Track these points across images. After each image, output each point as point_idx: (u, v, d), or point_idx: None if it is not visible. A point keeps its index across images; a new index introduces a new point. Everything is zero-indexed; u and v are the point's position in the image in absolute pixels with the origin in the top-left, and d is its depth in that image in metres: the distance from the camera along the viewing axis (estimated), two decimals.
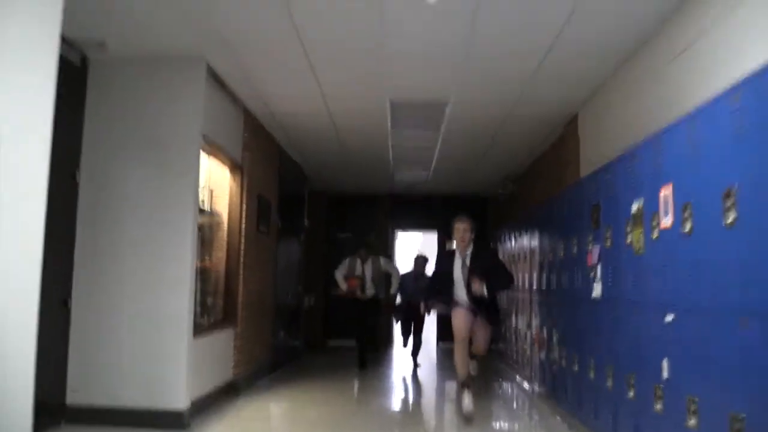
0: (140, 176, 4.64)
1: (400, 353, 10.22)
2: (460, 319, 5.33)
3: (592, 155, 5.45)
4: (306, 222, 9.77)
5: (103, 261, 4.56)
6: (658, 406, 3.24)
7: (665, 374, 3.18)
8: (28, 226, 2.44)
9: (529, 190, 8.40)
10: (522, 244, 7.43)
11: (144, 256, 4.57)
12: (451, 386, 7.16)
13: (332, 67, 5.04)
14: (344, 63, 4.97)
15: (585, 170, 5.54)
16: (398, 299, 8.86)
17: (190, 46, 4.66)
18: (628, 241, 3.74)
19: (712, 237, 2.73)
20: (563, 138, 6.55)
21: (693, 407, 2.86)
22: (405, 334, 9.01)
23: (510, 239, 8.37)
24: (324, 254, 10.89)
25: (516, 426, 5.63)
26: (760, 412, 2.37)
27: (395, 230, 12.20)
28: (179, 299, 4.58)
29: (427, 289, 6.32)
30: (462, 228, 5.41)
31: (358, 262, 8.26)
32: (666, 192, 3.23)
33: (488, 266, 5.30)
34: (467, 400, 5.20)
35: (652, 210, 3.39)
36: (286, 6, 3.92)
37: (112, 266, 4.57)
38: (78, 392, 4.46)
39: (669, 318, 3.15)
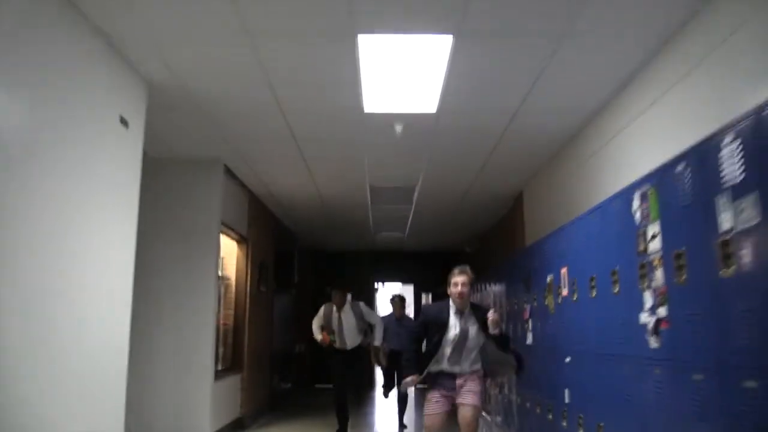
0: (172, 255, 5.89)
1: (381, 404, 9.58)
2: (435, 408, 4.26)
3: (533, 226, 6.83)
4: (296, 277, 11.03)
5: (149, 322, 5.77)
6: (564, 424, 4.52)
7: (566, 400, 4.47)
8: (120, 293, 3.71)
9: (492, 247, 9.77)
10: (483, 297, 8.74)
11: (179, 318, 5.80)
12: None
13: (321, 159, 6.34)
14: (331, 156, 6.28)
15: (530, 238, 6.90)
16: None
17: (211, 152, 5.99)
18: (545, 303, 5.07)
19: (586, 304, 4.07)
20: (513, 209, 7.96)
21: (580, 421, 4.15)
22: (387, 386, 8.03)
23: (475, 292, 9.68)
24: (312, 306, 12.10)
25: None
26: (614, 422, 3.65)
27: (376, 282, 13.51)
28: (205, 352, 5.82)
29: (408, 354, 4.60)
30: (461, 281, 4.27)
31: (333, 309, 7.05)
32: (564, 270, 4.58)
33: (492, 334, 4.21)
34: None
35: (557, 282, 4.74)
36: (282, 115, 5.26)
37: (156, 327, 5.77)
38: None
39: (567, 359, 4.46)
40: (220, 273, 6.95)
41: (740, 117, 2.34)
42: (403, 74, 4.23)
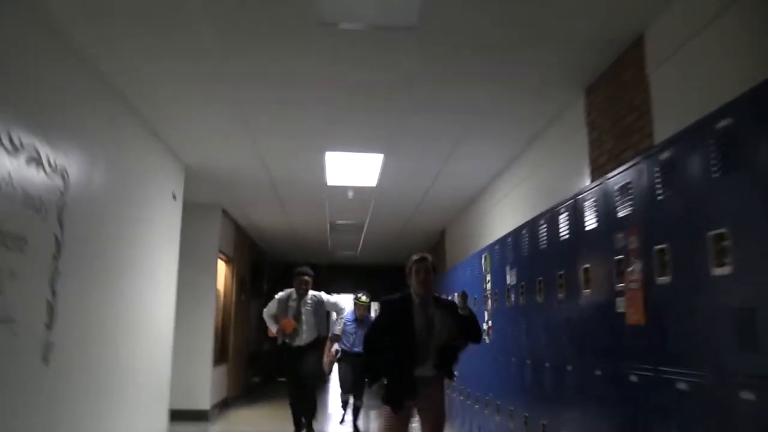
0: (185, 277, 7.98)
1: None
2: (393, 425, 3.80)
3: (452, 255, 9.21)
4: (265, 287, 13.21)
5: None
6: (486, 411, 6.81)
7: (490, 394, 6.77)
8: (166, 315, 5.90)
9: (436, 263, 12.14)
10: None
11: (189, 322, 7.88)
12: None
13: (294, 206, 8.59)
14: (301, 206, 8.54)
15: (449, 264, 9.24)
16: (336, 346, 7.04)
17: (214, 200, 8.17)
18: None
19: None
20: (439, 241, 10.38)
21: (496, 407, 6.47)
22: (344, 396, 7.46)
23: None
24: None
25: None
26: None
27: (331, 293, 15.74)
28: (207, 347, 8.00)
29: (367, 357, 4.25)
30: (424, 268, 3.97)
31: (292, 297, 6.42)
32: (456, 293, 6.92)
33: (459, 321, 3.90)
34: None
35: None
36: (270, 182, 7.48)
37: (175, 330, 7.90)
38: None
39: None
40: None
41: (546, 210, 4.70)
42: (352, 167, 6.54)
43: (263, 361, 13.21)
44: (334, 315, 6.84)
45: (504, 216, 6.51)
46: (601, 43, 3.74)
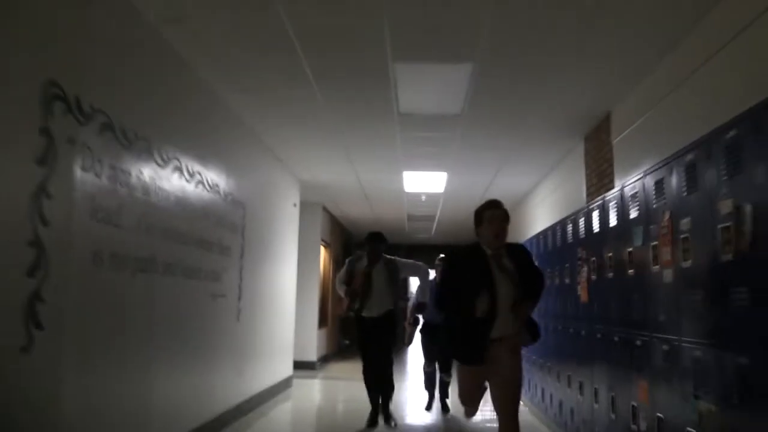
0: (299, 260, 10.40)
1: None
2: (470, 381, 3.64)
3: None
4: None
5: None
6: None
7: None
8: (290, 294, 8.24)
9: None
10: None
11: (301, 295, 10.28)
12: None
13: (379, 203, 10.78)
14: (384, 203, 10.72)
15: None
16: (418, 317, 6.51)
17: (317, 201, 10.47)
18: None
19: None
20: None
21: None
22: (429, 367, 6.73)
23: None
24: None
25: None
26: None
27: None
28: (313, 312, 10.39)
29: (447, 312, 3.69)
30: (500, 216, 3.50)
31: (364, 265, 5.81)
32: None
33: (527, 274, 3.50)
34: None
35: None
36: (350, 162, 9.69)
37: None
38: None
39: None
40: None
41: (573, 212, 6.67)
42: (424, 181, 8.64)
43: (351, 326, 15.65)
44: (415, 283, 6.32)
45: (541, 217, 8.45)
46: (589, 112, 5.62)
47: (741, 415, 2.38)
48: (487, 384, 3.64)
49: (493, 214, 3.51)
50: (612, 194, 4.06)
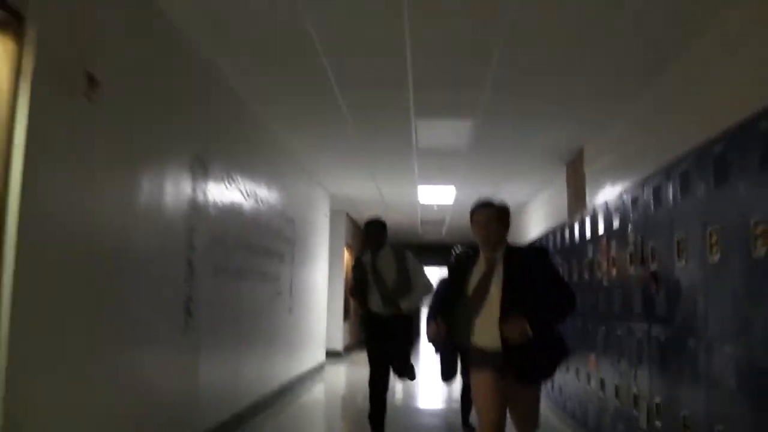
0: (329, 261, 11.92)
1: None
2: (484, 389, 3.12)
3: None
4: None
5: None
6: None
7: None
8: (322, 291, 9.77)
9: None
10: None
11: (330, 291, 11.78)
12: None
13: (395, 209, 12.26)
14: (400, 211, 12.20)
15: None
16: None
17: (342, 209, 11.98)
18: None
19: None
20: None
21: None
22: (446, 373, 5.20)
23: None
24: None
25: None
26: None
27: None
28: (339, 307, 11.90)
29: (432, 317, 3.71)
30: (482, 218, 3.27)
31: (366, 255, 5.18)
32: None
33: (535, 284, 3.13)
34: None
35: None
36: (374, 180, 11.18)
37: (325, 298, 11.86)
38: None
39: None
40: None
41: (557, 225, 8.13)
42: (436, 194, 10.12)
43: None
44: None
45: (536, 225, 9.91)
46: (567, 147, 7.05)
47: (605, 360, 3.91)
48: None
49: (478, 217, 3.31)
50: (568, 222, 5.54)
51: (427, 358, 12.40)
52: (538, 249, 3.90)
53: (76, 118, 2.88)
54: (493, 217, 3.27)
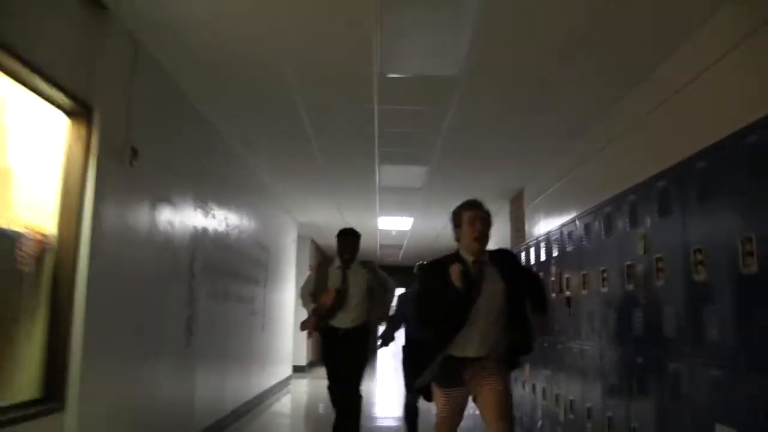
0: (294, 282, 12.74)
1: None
2: (452, 408, 3.11)
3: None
4: None
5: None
6: None
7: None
8: (289, 307, 10.64)
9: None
10: None
11: (295, 310, 12.62)
12: None
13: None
14: (363, 233, 13.11)
15: None
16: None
17: (308, 235, 12.85)
18: None
19: None
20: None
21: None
22: (412, 398, 5.28)
23: None
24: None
25: None
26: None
27: None
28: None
29: (419, 326, 3.71)
30: (481, 216, 3.22)
31: (336, 266, 5.13)
32: None
33: (525, 283, 3.24)
34: None
35: None
36: (339, 212, 12.12)
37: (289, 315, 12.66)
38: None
39: None
40: None
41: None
42: (394, 223, 11.09)
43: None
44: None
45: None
46: (509, 186, 8.12)
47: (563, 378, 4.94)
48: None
49: (474, 215, 3.17)
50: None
51: (385, 368, 13.28)
52: (508, 250, 3.85)
53: (122, 180, 3.76)
54: (486, 217, 3.24)
